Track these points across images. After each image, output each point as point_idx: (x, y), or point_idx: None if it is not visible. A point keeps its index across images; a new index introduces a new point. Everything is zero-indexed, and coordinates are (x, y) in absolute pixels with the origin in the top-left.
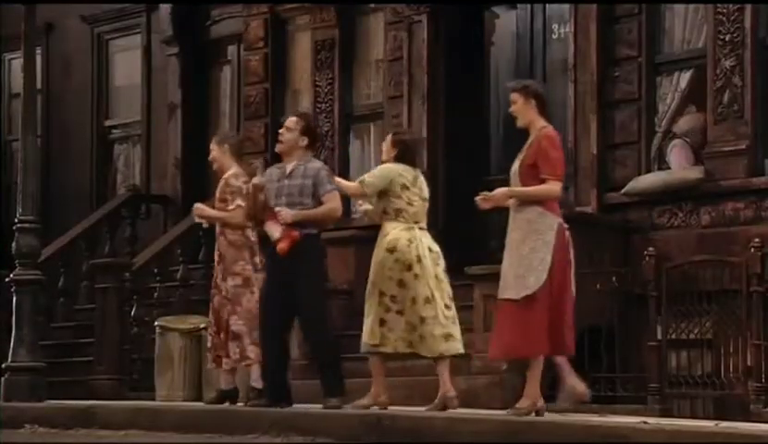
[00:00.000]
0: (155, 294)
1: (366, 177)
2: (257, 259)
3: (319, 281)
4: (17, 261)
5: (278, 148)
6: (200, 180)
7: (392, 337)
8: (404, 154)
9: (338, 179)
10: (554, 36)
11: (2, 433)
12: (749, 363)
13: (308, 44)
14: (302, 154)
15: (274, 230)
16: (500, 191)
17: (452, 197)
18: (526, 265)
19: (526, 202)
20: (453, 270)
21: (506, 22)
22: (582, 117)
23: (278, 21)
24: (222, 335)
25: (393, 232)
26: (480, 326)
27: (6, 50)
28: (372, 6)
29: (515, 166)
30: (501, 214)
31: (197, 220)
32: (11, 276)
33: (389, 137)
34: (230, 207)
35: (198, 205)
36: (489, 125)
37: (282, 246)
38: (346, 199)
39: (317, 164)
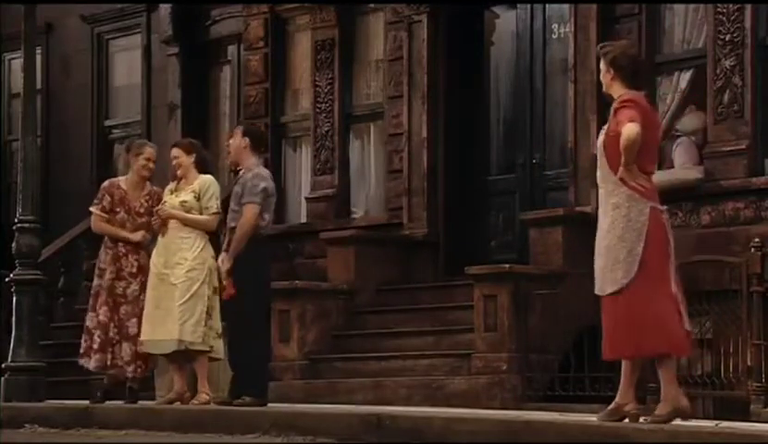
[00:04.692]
0: None
1: (216, 205)
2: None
3: (244, 289)
4: (17, 261)
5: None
6: None
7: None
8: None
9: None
10: (554, 36)
11: (2, 433)
12: (749, 363)
13: (308, 44)
14: (246, 160)
15: None
16: None
17: (452, 197)
18: (613, 258)
19: (616, 184)
20: (453, 270)
21: (506, 22)
22: (582, 117)
23: (278, 21)
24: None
25: (206, 239)
26: (480, 325)
27: (6, 50)
28: (372, 5)
29: (600, 139)
30: (500, 213)
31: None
32: (11, 276)
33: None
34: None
35: None
36: (489, 125)
37: (225, 296)
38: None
39: (253, 172)
